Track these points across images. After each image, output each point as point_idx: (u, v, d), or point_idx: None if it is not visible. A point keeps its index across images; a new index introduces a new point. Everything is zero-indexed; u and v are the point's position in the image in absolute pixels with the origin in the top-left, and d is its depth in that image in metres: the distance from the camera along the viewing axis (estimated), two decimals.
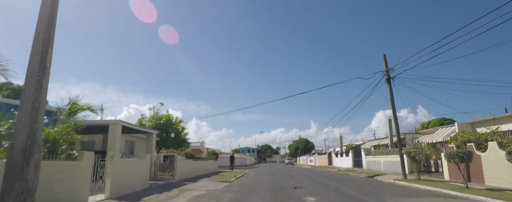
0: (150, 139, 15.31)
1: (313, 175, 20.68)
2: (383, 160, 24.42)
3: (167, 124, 22.71)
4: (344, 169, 29.13)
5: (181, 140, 23.02)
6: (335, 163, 41.39)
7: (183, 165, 16.11)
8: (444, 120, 44.59)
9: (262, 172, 26.43)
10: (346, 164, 35.53)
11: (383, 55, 16.97)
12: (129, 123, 12.50)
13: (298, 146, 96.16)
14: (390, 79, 16.56)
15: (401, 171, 20.26)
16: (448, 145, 15.45)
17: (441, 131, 23.16)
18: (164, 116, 22.90)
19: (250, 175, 22.30)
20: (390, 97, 16.49)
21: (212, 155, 28.62)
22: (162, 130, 22.45)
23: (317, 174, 22.79)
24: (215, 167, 27.36)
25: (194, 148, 51.11)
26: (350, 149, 36.13)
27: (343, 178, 17.62)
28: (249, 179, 17.67)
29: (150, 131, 15.13)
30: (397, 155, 21.56)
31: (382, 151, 24.91)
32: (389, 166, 23.03)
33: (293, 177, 18.77)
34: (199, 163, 20.16)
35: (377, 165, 25.73)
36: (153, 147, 15.27)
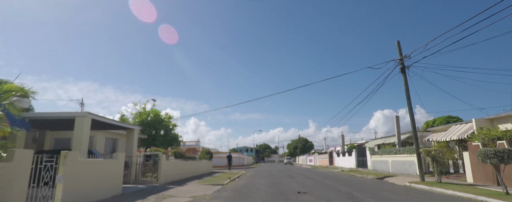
0: (131, 136, 13.29)
1: (316, 177, 18.73)
2: (391, 160, 22.50)
3: (155, 120, 20.71)
4: (347, 170, 27.22)
5: (171, 138, 21.03)
6: (337, 163, 39.48)
7: (169, 166, 14.11)
8: (450, 118, 42.82)
9: (260, 173, 24.47)
10: (349, 164, 33.62)
11: (397, 42, 15.04)
12: (102, 116, 10.49)
13: (297, 146, 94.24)
14: (404, 69, 14.62)
15: (413, 172, 18.44)
16: (472, 143, 13.54)
17: (454, 128, 21.27)
18: (152, 112, 20.88)
19: (247, 176, 20.34)
20: (405, 89, 14.55)
21: (206, 155, 26.64)
22: (150, 127, 20.48)
23: (320, 175, 20.85)
24: (209, 167, 25.36)
25: (189, 147, 49.07)
26: (353, 149, 34.21)
27: (351, 181, 15.68)
28: (245, 181, 15.70)
29: (131, 126, 13.12)
30: (408, 154, 19.64)
31: (390, 150, 23.00)
32: (399, 166, 21.12)
33: (294, 179, 16.82)
34: (190, 164, 18.16)
35: (384, 165, 23.82)
36: (134, 145, 13.27)
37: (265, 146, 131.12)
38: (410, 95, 14.57)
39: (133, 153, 13.17)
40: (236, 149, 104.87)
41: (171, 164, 14.64)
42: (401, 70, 14.74)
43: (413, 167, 19.00)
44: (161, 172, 13.05)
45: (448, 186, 11.43)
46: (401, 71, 14.75)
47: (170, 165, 14.41)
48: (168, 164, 14.07)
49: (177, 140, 22.05)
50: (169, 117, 22.11)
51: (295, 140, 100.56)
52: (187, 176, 17.21)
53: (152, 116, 20.71)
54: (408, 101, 14.47)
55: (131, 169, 12.99)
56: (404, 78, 14.62)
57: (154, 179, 13.00)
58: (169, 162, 14.33)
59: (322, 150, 71.00)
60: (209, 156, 26.59)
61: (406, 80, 14.59)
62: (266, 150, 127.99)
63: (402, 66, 14.69)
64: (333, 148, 56.22)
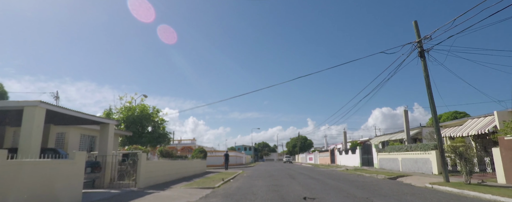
0: (105, 132, 11.27)
1: (321, 177, 16.79)
2: (401, 158, 20.59)
3: (142, 116, 18.69)
4: (352, 168, 25.31)
5: (159, 135, 19.02)
6: (339, 161, 37.58)
7: (151, 167, 12.11)
8: (457, 114, 40.95)
9: (258, 173, 22.53)
10: (353, 162, 31.71)
11: (414, 22, 13.07)
12: (61, 106, 8.45)
13: (296, 144, 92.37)
14: (423, 52, 12.66)
15: (428, 171, 16.44)
16: (504, 138, 11.60)
17: (471, 122, 19.37)
18: (138, 107, 18.85)
19: (244, 176, 18.38)
20: (425, 76, 12.59)
21: (200, 153, 24.63)
22: (136, 123, 18.47)
23: (324, 175, 18.91)
24: (203, 167, 23.36)
25: (184, 146, 47.05)
26: (357, 146, 32.31)
27: (361, 182, 13.74)
28: (241, 183, 13.73)
29: (104, 120, 11.09)
30: (422, 151, 17.73)
31: (400, 147, 21.09)
32: (410, 165, 19.21)
33: (296, 180, 14.88)
34: (179, 163, 16.17)
35: (393, 163, 21.92)
36: (109, 142, 11.25)
37: (264, 145, 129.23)
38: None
39: (107, 152, 11.15)
40: (235, 148, 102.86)
41: (154, 164, 12.63)
42: (419, 54, 12.77)
43: (428, 165, 17.09)
44: (141, 174, 11.05)
45: (482, 189, 9.50)
46: (419, 56, 12.78)
47: (153, 165, 12.41)
48: (150, 164, 12.06)
49: (167, 137, 20.05)
50: (157, 111, 20.09)
51: (294, 138, 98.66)
52: (175, 178, 15.22)
53: (139, 111, 18.68)
54: (428, 90, 12.51)
55: (105, 171, 10.99)
56: (423, 64, 12.66)
57: (133, 182, 11.00)
58: (151, 162, 12.33)
59: (322, 148, 69.16)
60: (203, 155, 24.59)
61: (425, 66, 12.62)
62: (264, 148, 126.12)
63: (420, 49, 12.73)
64: (334, 146, 54.34)
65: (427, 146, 17.37)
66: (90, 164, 9.91)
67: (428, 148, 17.24)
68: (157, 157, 15.56)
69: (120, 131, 17.52)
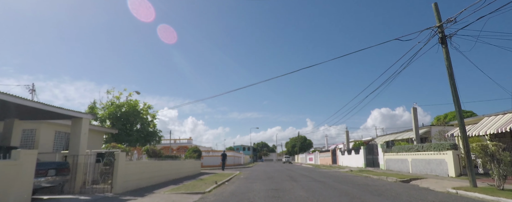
0: (77, 127, 9.66)
1: (325, 179, 15.20)
2: (411, 159, 19.02)
3: (130, 112, 17.08)
4: (357, 170, 23.74)
5: (147, 133, 17.41)
6: (341, 162, 36.01)
7: (132, 169, 10.50)
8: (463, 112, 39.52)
9: (256, 174, 20.94)
10: (356, 163, 30.15)
11: (434, 5, 11.49)
12: (13, 95, 6.84)
13: (295, 144, 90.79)
14: (445, 38, 11.09)
15: (443, 174, 14.70)
16: None
17: (488, 120, 17.82)
18: (127, 103, 17.24)
19: (240, 179, 16.79)
20: (446, 65, 11.03)
21: (194, 153, 22.98)
22: (123, 120, 16.85)
23: (328, 176, 17.33)
24: (197, 168, 21.73)
25: (180, 145, 45.42)
26: (361, 146, 30.74)
27: (372, 185, 12.16)
28: (236, 186, 12.14)
29: (75, 114, 9.47)
30: (436, 151, 16.16)
31: (409, 147, 19.52)
32: (422, 166, 17.64)
33: (298, 183, 13.29)
34: (168, 164, 14.56)
35: (402, 164, 20.35)
36: (82, 139, 9.64)
37: (263, 145, 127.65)
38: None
39: (80, 151, 9.54)
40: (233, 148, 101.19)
41: (136, 166, 11.01)
42: (440, 41, 11.20)
43: (443, 167, 15.53)
44: (118, 177, 9.43)
45: None
46: (440, 42, 11.21)
47: (134, 167, 10.79)
48: (131, 166, 10.44)
49: (157, 135, 18.44)
50: (148, 107, 18.48)
51: (294, 138, 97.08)
52: (163, 180, 13.61)
53: (126, 107, 17.06)
54: (450, 81, 10.94)
55: (76, 174, 9.37)
56: (445, 51, 11.09)
57: (109, 187, 9.39)
58: (132, 163, 10.71)
59: (322, 148, 67.57)
60: (197, 154, 22.94)
61: (447, 54, 11.06)
62: (263, 148, 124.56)
63: (441, 35, 11.15)
64: (336, 146, 52.77)
65: (442, 145, 15.81)
66: (53, 165, 8.29)
67: (443, 148, 15.68)
68: (144, 157, 13.96)
69: (104, 128, 15.92)
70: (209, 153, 42.97)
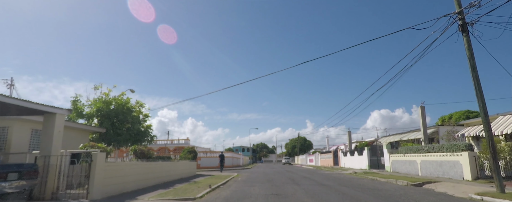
0: (50, 124, 8.46)
1: (330, 182, 13.99)
2: (420, 160, 17.82)
3: (120, 110, 15.88)
4: (361, 172, 22.53)
5: (137, 132, 16.21)
6: (343, 164, 34.79)
7: (113, 171, 9.29)
8: (469, 113, 38.30)
9: (255, 176, 19.73)
10: (359, 164, 28.93)
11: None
12: None
13: (295, 145, 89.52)
14: (466, 26, 9.91)
15: (458, 177, 13.36)
16: None
17: (504, 119, 16.65)
18: (116, 99, 16.04)
19: (237, 181, 15.58)
20: (468, 56, 9.84)
21: (189, 154, 21.72)
22: (111, 118, 15.65)
23: (332, 179, 16.11)
24: (192, 169, 20.49)
25: (177, 146, 44.19)
26: (364, 147, 29.53)
27: (383, 190, 10.96)
28: (232, 190, 10.94)
29: (47, 109, 8.27)
30: (449, 153, 14.95)
31: (418, 148, 18.32)
32: (433, 168, 16.44)
33: (301, 186, 12.09)
34: (158, 166, 13.35)
35: (410, 166, 19.15)
36: (55, 138, 8.44)
37: (262, 146, 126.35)
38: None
39: (52, 151, 8.34)
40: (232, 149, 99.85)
41: (118, 168, 9.79)
42: (460, 29, 10.02)
43: (457, 169, 14.34)
44: (96, 181, 8.22)
45: None
46: (460, 30, 10.03)
47: (116, 169, 9.57)
48: (111, 168, 9.23)
49: (148, 135, 17.23)
50: (140, 105, 17.27)
51: (294, 139, 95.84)
52: (151, 184, 12.40)
53: (115, 104, 15.85)
54: (473, 73, 9.75)
55: (48, 177, 8.16)
56: (466, 40, 9.91)
57: (85, 192, 8.18)
58: (113, 165, 9.50)
59: (323, 149, 66.33)
60: (193, 155, 21.69)
61: (469, 43, 9.87)
62: (263, 149, 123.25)
63: (462, 22, 9.97)
64: (337, 147, 51.55)
65: (456, 146, 14.61)
66: (15, 167, 7.09)
67: (457, 148, 14.48)
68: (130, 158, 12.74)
69: (90, 127, 14.73)
70: (206, 154, 41.75)
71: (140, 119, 17.22)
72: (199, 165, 39.64)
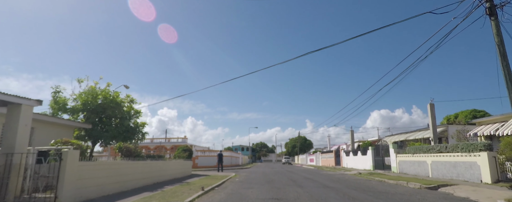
0: (14, 117, 7.27)
1: (336, 184, 12.77)
2: (431, 161, 16.62)
3: (107, 104, 14.65)
4: (366, 172, 21.35)
5: (126, 129, 14.98)
6: (346, 164, 33.60)
7: (89, 172, 8.08)
8: (476, 112, 37.11)
9: (254, 176, 18.53)
10: (363, 164, 27.73)
11: None
12: None
13: (295, 144, 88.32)
14: (495, 9, 8.71)
15: (475, 179, 11.88)
16: None
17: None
18: (102, 93, 14.80)
19: (235, 182, 14.39)
20: (497, 42, 8.64)
21: (183, 152, 20.46)
22: (98, 113, 14.44)
23: (337, 181, 14.91)
24: (187, 169, 19.26)
25: (174, 145, 42.98)
26: (368, 146, 28.32)
27: (397, 194, 9.77)
28: (227, 194, 9.74)
29: (11, 98, 7.06)
30: (465, 153, 13.74)
31: (429, 147, 17.12)
32: (445, 170, 15.24)
33: (305, 189, 10.89)
34: (146, 166, 12.14)
35: (419, 167, 17.95)
36: (20, 133, 7.24)
37: (262, 145, 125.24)
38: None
39: (16, 148, 7.13)
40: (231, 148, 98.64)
41: (95, 167, 8.56)
42: (488, 12, 8.81)
43: (474, 171, 13.13)
44: (66, 183, 7.02)
45: None
46: (488, 14, 8.83)
47: (92, 169, 8.35)
48: (87, 168, 8.02)
49: (139, 131, 16.00)
50: (131, 100, 16.05)
51: (294, 138, 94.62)
52: (138, 185, 11.19)
53: (102, 97, 14.61)
54: (503, 62, 8.54)
55: (10, 178, 6.96)
56: (495, 25, 8.71)
57: (53, 196, 6.97)
58: (89, 164, 8.27)
59: (324, 149, 65.18)
60: (188, 154, 20.43)
61: (497, 28, 8.67)
62: (262, 149, 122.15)
63: (489, 4, 8.76)
64: (339, 146, 50.34)
65: (472, 146, 13.40)
66: None
67: (474, 148, 13.27)
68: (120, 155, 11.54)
69: (74, 122, 13.53)
70: (204, 153, 40.55)
71: (131, 114, 15.99)
72: (197, 165, 38.43)
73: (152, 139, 42.57)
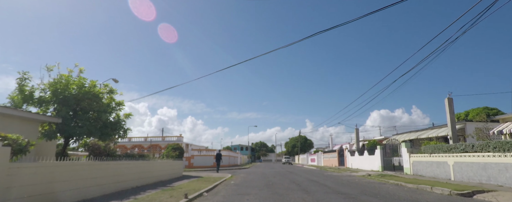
0: None
1: (349, 190, 10.75)
2: (453, 162, 14.62)
3: (82, 95, 12.65)
4: (375, 174, 19.35)
5: (104, 125, 12.95)
6: (350, 164, 31.59)
7: (26, 177, 6.06)
8: (488, 110, 35.19)
9: (252, 178, 16.54)
10: (370, 165, 25.73)
11: None
12: None
13: (296, 144, 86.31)
14: None
15: (510, 184, 10.31)
16: None
17: None
18: (76, 82, 12.79)
19: (229, 185, 12.40)
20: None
21: (173, 151, 18.35)
22: (71, 105, 12.43)
23: (347, 184, 12.89)
24: (177, 170, 17.20)
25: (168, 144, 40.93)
26: (376, 145, 26.32)
27: None
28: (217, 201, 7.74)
29: None
30: (497, 153, 11.72)
31: (451, 146, 15.13)
32: (472, 172, 13.24)
33: (312, 195, 8.88)
34: (123, 167, 10.14)
35: (438, 169, 15.95)
36: None
37: (262, 144, 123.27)
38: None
39: None
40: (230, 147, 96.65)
41: (40, 170, 6.53)
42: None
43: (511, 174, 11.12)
44: None
45: None
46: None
47: (36, 173, 6.33)
48: (22, 172, 5.99)
49: (121, 127, 13.99)
50: (110, 90, 14.04)
51: (294, 137, 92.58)
52: (108, 191, 9.19)
53: (76, 87, 12.59)
54: None
55: None
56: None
57: None
58: (24, 167, 6.24)
59: (325, 148, 63.18)
60: (178, 153, 18.35)
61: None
62: (262, 148, 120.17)
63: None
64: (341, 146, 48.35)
65: (509, 144, 11.39)
66: None
67: (511, 147, 11.26)
68: (86, 155, 9.52)
69: (39, 115, 11.48)
70: (201, 152, 38.61)
71: (112, 107, 13.97)
72: (192, 165, 36.41)
73: (146, 137, 40.58)
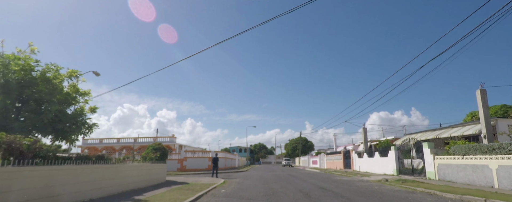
0: None
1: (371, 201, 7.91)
2: (497, 165, 11.79)
3: (29, 80, 9.87)
4: (393, 179, 16.50)
5: (62, 118, 10.13)
6: (358, 167, 28.70)
7: None
8: (507, 107, 32.45)
9: (248, 185, 13.68)
10: (382, 168, 22.85)
11: None
12: None
13: (296, 145, 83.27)
14: None
15: None
16: None
17: None
18: (22, 63, 9.99)
19: (218, 196, 9.56)
20: None
21: (154, 152, 15.26)
22: (11, 92, 9.63)
23: (372, 196, 10.03)
24: (157, 174, 14.15)
25: None
26: (389, 146, 23.46)
27: None
28: None
29: None
30: None
31: (493, 146, 12.31)
32: None
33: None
34: (66, 173, 7.30)
35: (474, 174, 13.11)
36: None
37: (261, 146, 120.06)
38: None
39: None
40: (229, 149, 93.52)
41: None
42: None
43: None
44: None
45: None
46: None
47: None
48: None
49: (86, 124, 11.16)
50: (70, 75, 11.25)
51: (294, 139, 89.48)
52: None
53: (19, 69, 9.77)
54: None
55: None
56: None
57: None
58: None
59: (327, 150, 60.30)
60: (160, 154, 15.31)
61: None
62: (261, 150, 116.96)
63: None
64: (345, 147, 45.49)
65: None
66: None
67: None
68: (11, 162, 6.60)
69: None
70: (195, 154, 35.65)
71: (72, 97, 11.16)
72: (185, 167, 33.52)
73: (135, 138, 37.67)
